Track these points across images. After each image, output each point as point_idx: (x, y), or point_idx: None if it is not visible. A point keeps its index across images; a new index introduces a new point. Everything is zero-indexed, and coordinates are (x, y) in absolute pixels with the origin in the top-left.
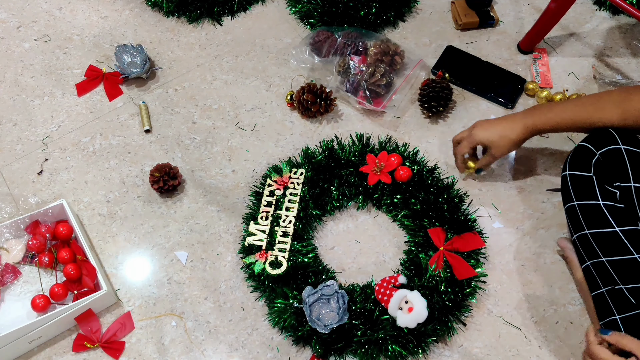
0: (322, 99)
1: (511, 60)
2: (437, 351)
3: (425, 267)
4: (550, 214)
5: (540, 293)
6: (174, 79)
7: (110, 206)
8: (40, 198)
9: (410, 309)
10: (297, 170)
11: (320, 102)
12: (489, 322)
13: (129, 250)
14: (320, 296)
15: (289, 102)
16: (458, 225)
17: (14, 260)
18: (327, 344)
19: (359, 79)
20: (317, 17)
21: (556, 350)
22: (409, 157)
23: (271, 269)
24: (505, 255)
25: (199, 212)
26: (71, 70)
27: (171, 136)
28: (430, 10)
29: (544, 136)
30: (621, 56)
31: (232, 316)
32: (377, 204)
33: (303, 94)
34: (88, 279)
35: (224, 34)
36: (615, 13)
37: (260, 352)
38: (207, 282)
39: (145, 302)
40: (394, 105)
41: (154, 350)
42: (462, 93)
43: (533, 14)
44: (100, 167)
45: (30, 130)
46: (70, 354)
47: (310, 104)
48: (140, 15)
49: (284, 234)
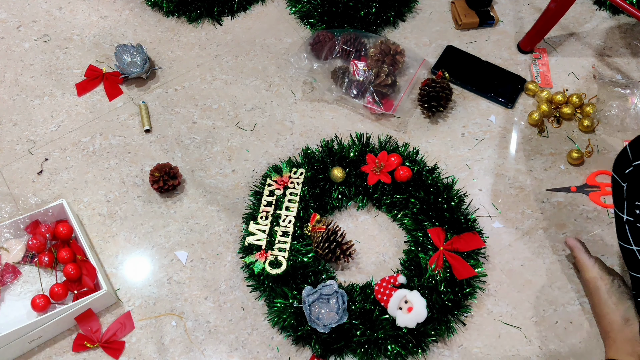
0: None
1: (511, 60)
2: (436, 351)
3: (425, 267)
4: (550, 214)
5: (540, 293)
6: (174, 79)
7: (110, 206)
8: (40, 198)
9: (410, 308)
10: (297, 170)
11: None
12: (488, 322)
13: (129, 250)
14: (319, 296)
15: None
16: (458, 225)
17: (14, 260)
18: (327, 344)
19: (365, 83)
20: (317, 17)
21: (556, 350)
22: (409, 157)
23: (271, 269)
24: (505, 255)
25: (199, 212)
26: (71, 70)
27: (171, 136)
28: (430, 10)
29: (544, 135)
30: (621, 56)
31: (232, 316)
32: (377, 204)
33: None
34: (88, 279)
35: (224, 33)
36: (615, 13)
37: (260, 351)
38: (207, 282)
39: (145, 301)
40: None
41: (154, 350)
42: (462, 93)
43: (533, 14)
44: (100, 167)
45: (30, 130)
46: (70, 354)
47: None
48: (140, 15)
49: (284, 233)
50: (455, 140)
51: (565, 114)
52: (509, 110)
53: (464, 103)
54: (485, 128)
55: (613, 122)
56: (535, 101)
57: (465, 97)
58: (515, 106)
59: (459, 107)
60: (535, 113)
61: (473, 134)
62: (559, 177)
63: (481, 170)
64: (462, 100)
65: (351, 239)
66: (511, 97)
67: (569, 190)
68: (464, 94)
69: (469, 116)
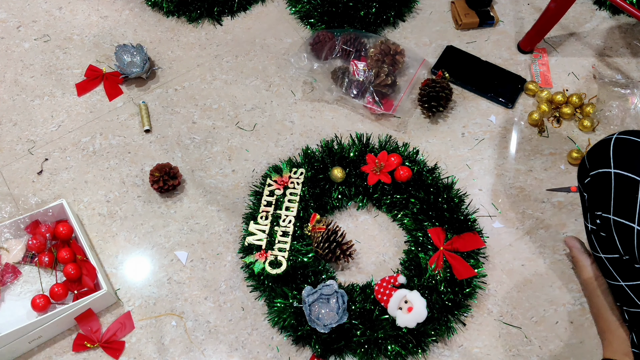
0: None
1: (511, 60)
2: (436, 351)
3: (425, 267)
4: (550, 214)
5: (540, 293)
6: (174, 79)
7: (110, 206)
8: (40, 198)
9: (410, 308)
10: (297, 170)
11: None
12: (489, 322)
13: (129, 250)
14: (319, 296)
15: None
16: (458, 225)
17: (14, 260)
18: (327, 344)
19: (365, 83)
20: (317, 16)
21: (556, 350)
22: (409, 157)
23: (271, 269)
24: (505, 255)
25: (199, 212)
26: (71, 70)
27: (171, 136)
28: (430, 10)
29: (544, 135)
30: (621, 56)
31: (232, 316)
32: (377, 204)
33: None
34: (88, 279)
35: (224, 33)
36: (615, 13)
37: (260, 351)
38: (207, 281)
39: (145, 301)
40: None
41: (154, 350)
42: (462, 93)
43: (533, 14)
44: (100, 167)
45: (30, 130)
46: (70, 354)
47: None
48: (140, 15)
49: (284, 233)
50: (455, 140)
51: (565, 114)
52: (509, 110)
53: (464, 103)
54: (485, 128)
55: (613, 122)
56: (535, 101)
57: (465, 97)
58: (515, 106)
59: (459, 107)
60: (535, 113)
61: (473, 134)
62: (559, 177)
63: (481, 170)
64: (462, 100)
65: (351, 239)
66: (511, 97)
67: (569, 190)
68: (464, 94)
69: (469, 116)
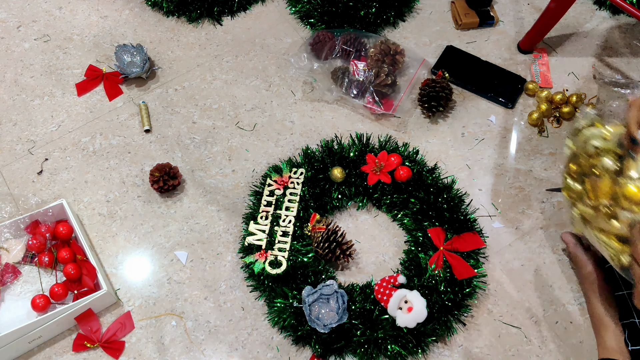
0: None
1: (511, 60)
2: (436, 351)
3: (424, 267)
4: (550, 214)
5: (540, 293)
6: (174, 79)
7: (110, 206)
8: (40, 198)
9: (410, 308)
10: (297, 170)
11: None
12: (488, 322)
13: (129, 250)
14: (319, 296)
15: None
16: (458, 225)
17: (14, 260)
18: (327, 344)
19: (365, 83)
20: (317, 16)
21: (556, 350)
22: (409, 157)
23: (271, 269)
24: (505, 255)
25: (199, 212)
26: (71, 70)
27: (171, 136)
28: (430, 10)
29: (544, 135)
30: (621, 56)
31: (232, 316)
32: (377, 204)
33: None
34: (88, 279)
35: (224, 33)
36: (615, 13)
37: (260, 351)
38: (207, 282)
39: (145, 301)
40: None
41: (154, 350)
42: (462, 93)
43: (533, 14)
44: (100, 167)
45: (30, 130)
46: (70, 354)
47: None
48: (140, 15)
49: (284, 233)
50: (455, 140)
51: (565, 114)
52: (509, 110)
53: (464, 103)
54: (485, 128)
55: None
56: (535, 101)
57: (465, 97)
58: (515, 106)
59: (459, 107)
60: (535, 113)
61: (473, 134)
62: (559, 177)
63: (481, 170)
64: (462, 100)
65: (351, 239)
66: (511, 97)
67: None
68: (464, 94)
69: (469, 116)
